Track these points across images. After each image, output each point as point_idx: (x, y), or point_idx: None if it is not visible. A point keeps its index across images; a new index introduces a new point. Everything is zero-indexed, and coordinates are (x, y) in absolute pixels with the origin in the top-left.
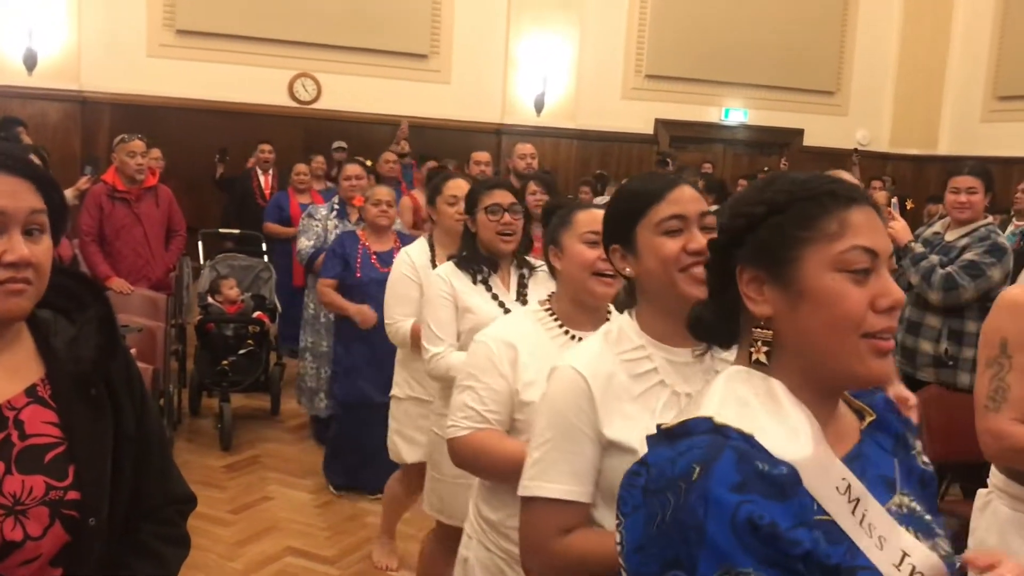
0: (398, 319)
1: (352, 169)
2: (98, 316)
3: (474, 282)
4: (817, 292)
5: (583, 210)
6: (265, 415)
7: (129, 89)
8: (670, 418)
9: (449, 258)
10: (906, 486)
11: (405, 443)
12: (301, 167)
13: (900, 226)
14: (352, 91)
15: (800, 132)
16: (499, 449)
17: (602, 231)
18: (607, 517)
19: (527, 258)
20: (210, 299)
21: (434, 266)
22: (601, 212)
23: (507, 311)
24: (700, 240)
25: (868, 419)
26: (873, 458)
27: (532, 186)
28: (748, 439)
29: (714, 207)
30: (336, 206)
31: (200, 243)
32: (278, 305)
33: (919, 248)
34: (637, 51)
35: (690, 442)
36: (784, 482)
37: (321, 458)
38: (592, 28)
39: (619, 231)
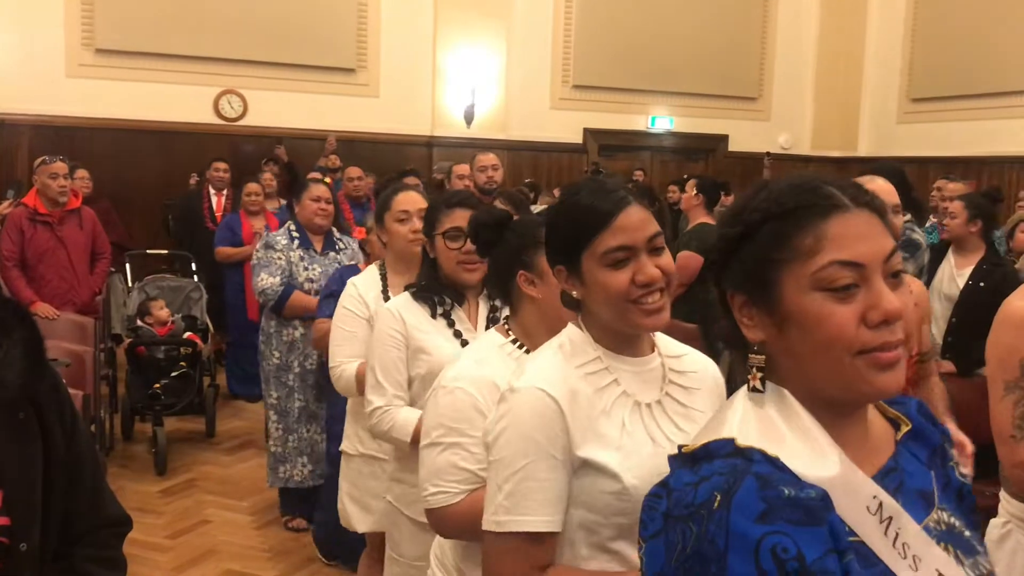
0: (341, 362)
1: (319, 191)
2: (23, 339)
3: (433, 316)
4: (800, 315)
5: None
6: (200, 437)
7: (48, 111)
8: (640, 431)
9: (405, 288)
10: (944, 500)
11: (357, 508)
12: (252, 186)
13: None
14: (279, 107)
15: (725, 138)
16: None
17: (545, 242)
18: (580, 543)
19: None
20: (139, 321)
21: (386, 298)
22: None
23: None
24: (650, 270)
25: (904, 429)
26: (909, 471)
27: (498, 205)
28: (773, 461)
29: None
30: (295, 233)
31: (127, 265)
32: (210, 325)
33: None
34: (564, 61)
35: (711, 466)
36: (814, 506)
37: (260, 481)
38: (519, 39)
39: (563, 254)
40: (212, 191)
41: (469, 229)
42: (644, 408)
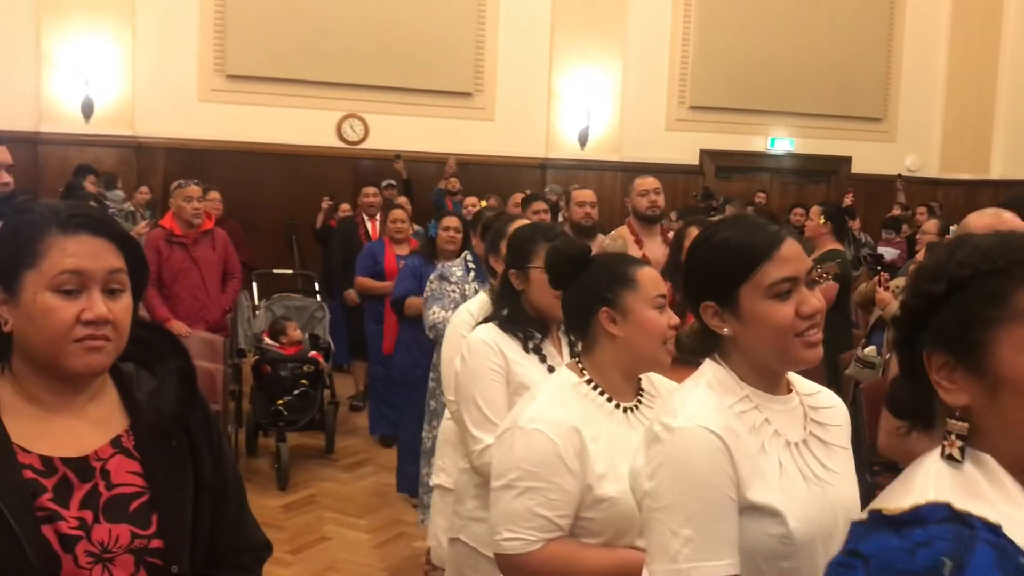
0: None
1: (450, 220)
2: (178, 368)
3: (525, 349)
4: (1019, 381)
5: (642, 268)
6: (319, 453)
7: (182, 133)
8: (795, 471)
9: (486, 319)
10: None
11: None
12: (398, 213)
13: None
14: (398, 130)
15: (848, 159)
16: (591, 560)
17: (685, 285)
18: None
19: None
20: (268, 339)
21: None
22: (656, 272)
23: None
24: (812, 302)
25: None
26: None
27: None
28: (995, 530)
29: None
30: (471, 264)
31: (255, 284)
32: (331, 344)
33: None
34: (680, 82)
35: (926, 532)
36: None
37: (377, 498)
38: (635, 60)
39: (715, 289)
40: (366, 217)
41: (547, 261)
42: (794, 448)
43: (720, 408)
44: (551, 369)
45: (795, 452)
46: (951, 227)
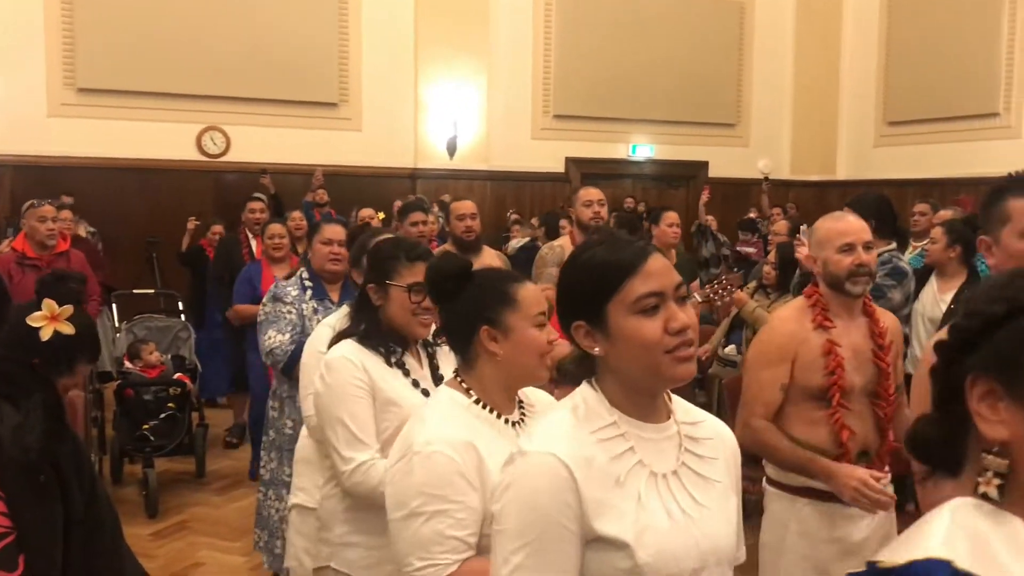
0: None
1: (334, 232)
2: (43, 402)
3: (388, 364)
4: None
5: (523, 286)
6: (190, 478)
7: (31, 151)
8: (655, 504)
9: (340, 335)
10: None
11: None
12: (276, 227)
13: (805, 251)
14: (262, 142)
15: (705, 164)
16: None
17: (557, 304)
18: None
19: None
20: (128, 363)
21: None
22: (538, 289)
23: None
24: (681, 317)
25: None
26: None
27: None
28: None
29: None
30: (308, 283)
31: (114, 305)
32: (198, 365)
33: None
34: (544, 91)
35: None
36: None
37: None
38: (499, 70)
39: (583, 307)
40: (250, 235)
41: (428, 277)
42: (660, 479)
43: (577, 435)
44: (415, 383)
45: (660, 484)
46: (801, 226)
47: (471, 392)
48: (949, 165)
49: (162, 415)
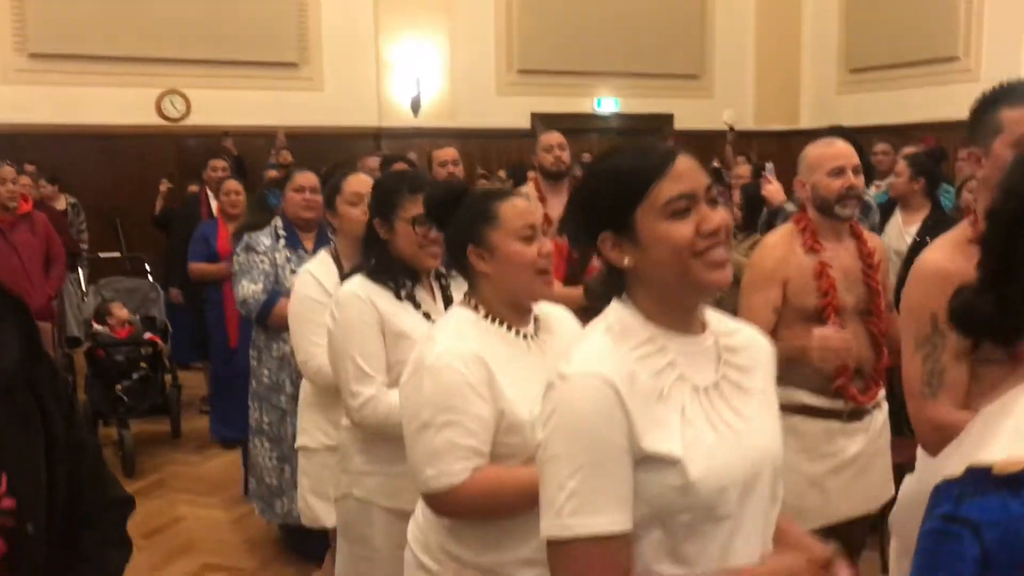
0: (316, 352)
1: (306, 179)
2: (17, 324)
3: (398, 298)
4: None
5: (505, 201)
6: (166, 438)
7: None
8: (700, 419)
9: (353, 271)
10: None
11: (325, 504)
12: (232, 184)
13: (774, 188)
14: (223, 105)
15: (670, 117)
16: (520, 476)
17: (583, 217)
18: (646, 546)
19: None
20: (96, 326)
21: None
22: (524, 201)
23: None
24: (714, 218)
25: None
26: None
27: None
28: None
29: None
30: (281, 232)
31: (80, 269)
32: (169, 326)
33: (791, 207)
34: (508, 46)
35: None
36: None
37: (231, 477)
38: (462, 26)
39: (609, 217)
40: (211, 194)
41: (424, 206)
42: (702, 393)
43: (617, 353)
44: (427, 316)
45: (703, 398)
46: (767, 164)
47: (479, 308)
48: (911, 110)
49: (135, 375)
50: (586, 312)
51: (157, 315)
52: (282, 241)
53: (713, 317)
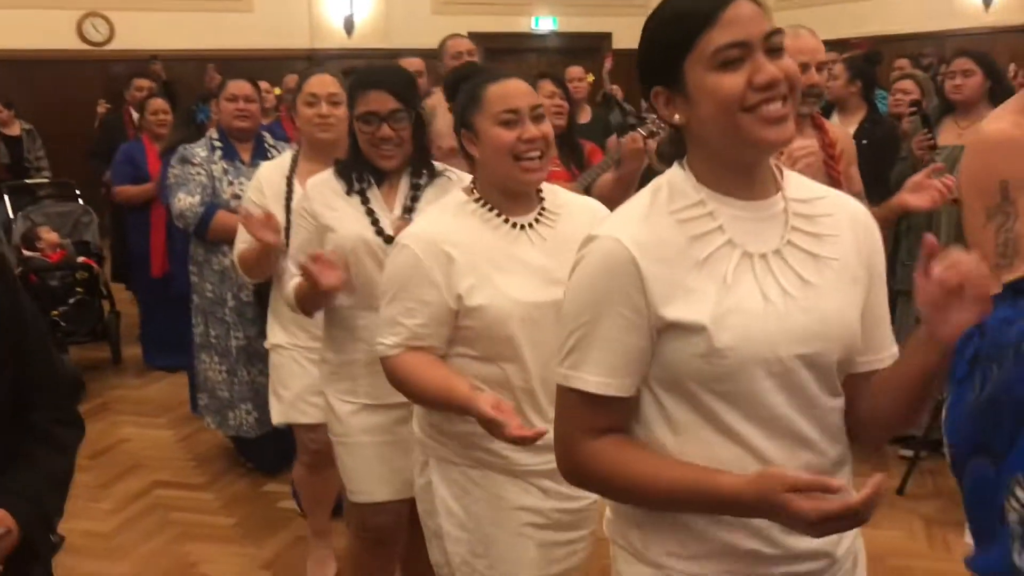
0: (239, 245)
1: (239, 88)
2: None
3: (347, 193)
4: None
5: (494, 83)
6: (107, 364)
7: None
8: (746, 286)
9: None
10: None
11: (275, 401)
12: (158, 103)
13: None
14: (149, 28)
15: (608, 36)
16: (423, 378)
17: (639, 71)
18: (674, 407)
19: (434, 163)
20: (26, 251)
21: (289, 184)
22: (515, 83)
23: (382, 235)
24: (769, 69)
25: None
26: None
27: (547, 86)
28: None
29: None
30: (217, 143)
31: (6, 196)
32: (104, 252)
33: None
34: None
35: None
36: None
37: (176, 398)
38: None
39: (659, 69)
40: (135, 113)
41: (446, 86)
42: (757, 260)
43: (650, 217)
44: (369, 212)
45: (757, 264)
46: None
47: (475, 190)
48: (846, 26)
49: (71, 300)
50: None
51: (91, 239)
52: (218, 152)
53: (792, 180)
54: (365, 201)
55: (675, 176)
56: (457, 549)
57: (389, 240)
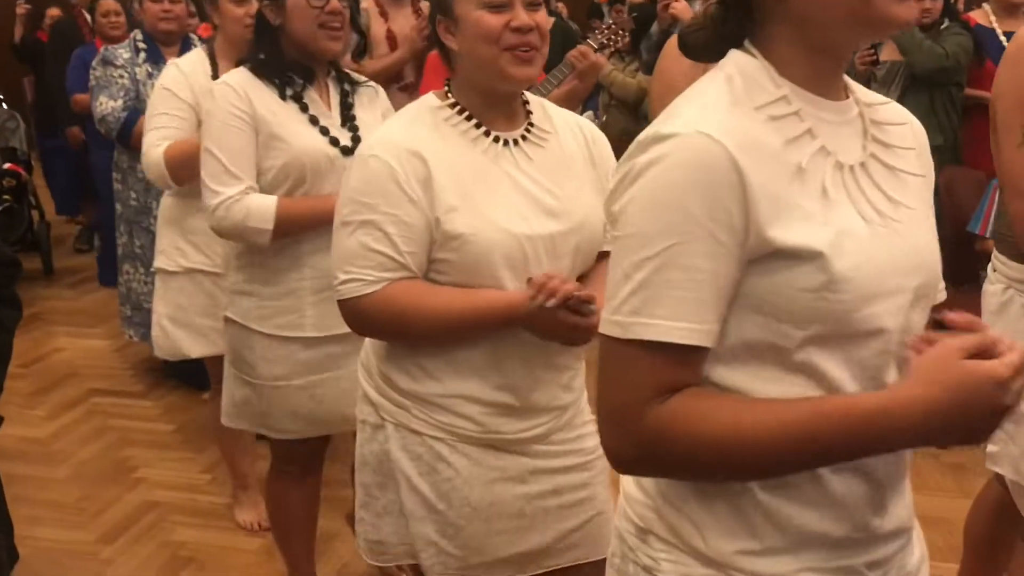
0: (153, 142)
1: None
2: None
3: (281, 97)
4: None
5: None
6: (38, 275)
7: None
8: (845, 204)
9: (239, 63)
10: None
11: (187, 333)
12: (109, 3)
13: (681, 6)
14: None
15: None
16: (441, 298)
17: None
18: (757, 365)
19: (345, 69)
20: None
21: None
22: None
23: (335, 142)
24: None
25: None
26: None
27: None
28: None
29: None
30: (141, 45)
31: None
32: (31, 159)
33: None
34: None
35: None
36: None
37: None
38: None
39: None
40: (88, 15)
41: None
42: (847, 172)
43: (739, 110)
44: (313, 120)
45: (847, 178)
46: None
47: (449, 95)
48: None
49: None
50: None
51: (18, 146)
52: (142, 55)
53: (852, 83)
54: (304, 108)
55: (746, 64)
56: (422, 529)
57: (347, 152)
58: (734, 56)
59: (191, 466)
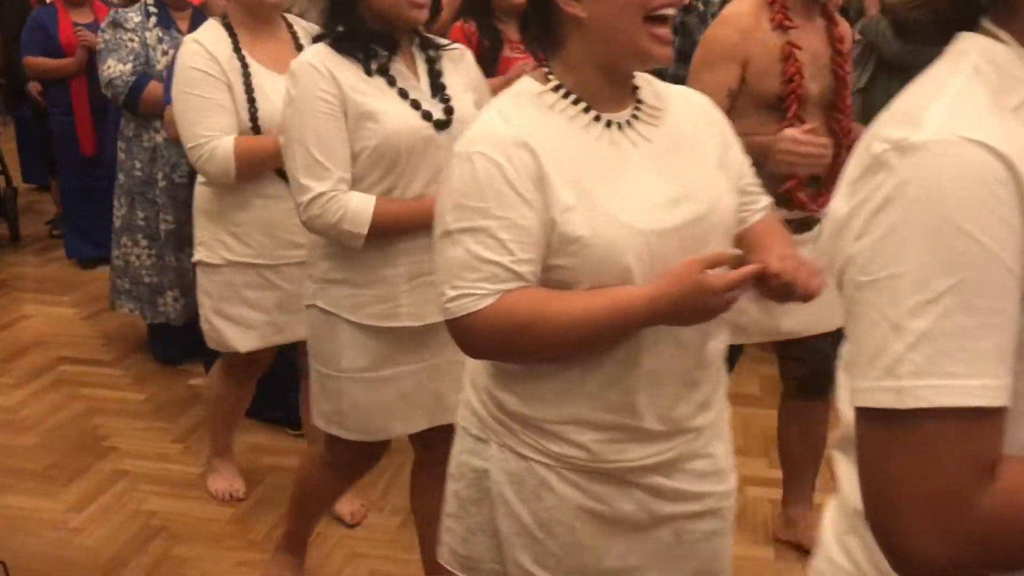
0: (208, 135)
1: None
2: None
3: (367, 72)
4: None
5: None
6: (5, 242)
7: None
8: None
9: (316, 39)
10: None
11: (233, 326)
12: None
13: None
14: None
15: None
16: (569, 303)
17: None
18: None
19: (427, 34)
20: None
21: (241, 59)
22: None
23: (427, 116)
24: None
25: None
26: None
27: None
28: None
29: None
30: (152, 9)
31: None
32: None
33: None
34: None
35: None
36: None
37: (79, 278)
38: None
39: None
40: None
41: None
42: None
43: (998, 109)
44: (403, 93)
45: None
46: None
47: (550, 77)
48: None
49: None
50: None
51: None
52: (153, 19)
53: None
54: (392, 82)
55: (994, 52)
56: (518, 556)
57: (440, 125)
58: (974, 40)
59: (163, 436)
